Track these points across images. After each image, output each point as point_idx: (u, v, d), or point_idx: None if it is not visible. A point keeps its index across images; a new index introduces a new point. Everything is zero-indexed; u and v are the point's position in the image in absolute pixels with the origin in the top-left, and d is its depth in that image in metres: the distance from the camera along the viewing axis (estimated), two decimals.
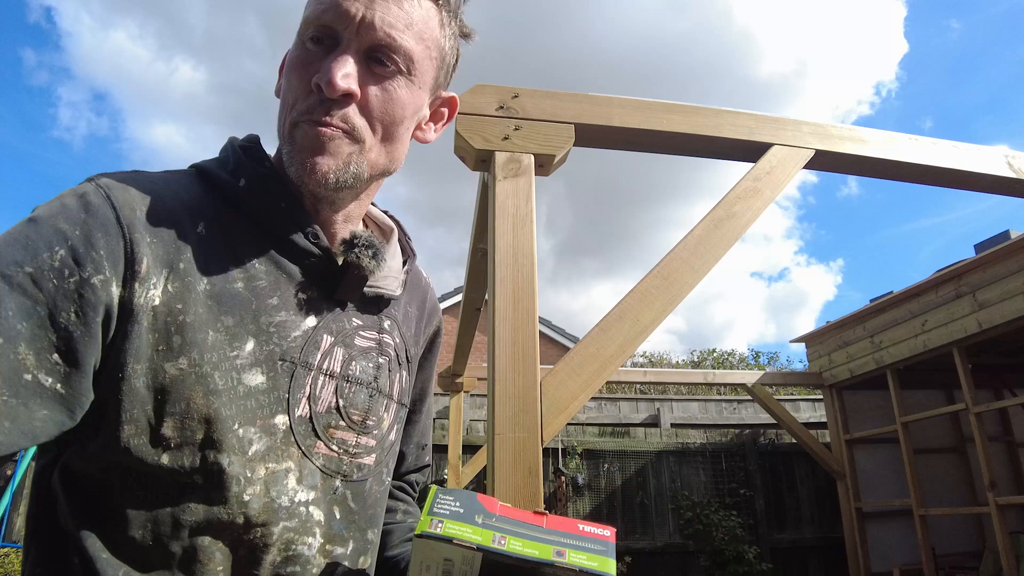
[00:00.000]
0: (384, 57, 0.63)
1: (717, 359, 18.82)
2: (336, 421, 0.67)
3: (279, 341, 0.62)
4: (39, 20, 42.21)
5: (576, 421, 7.40)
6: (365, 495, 0.70)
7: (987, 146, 1.99)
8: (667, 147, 1.82)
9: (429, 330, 0.88)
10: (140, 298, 0.54)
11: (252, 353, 0.60)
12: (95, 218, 0.53)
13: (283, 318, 0.63)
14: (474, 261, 2.83)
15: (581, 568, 0.58)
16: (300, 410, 0.63)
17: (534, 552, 0.59)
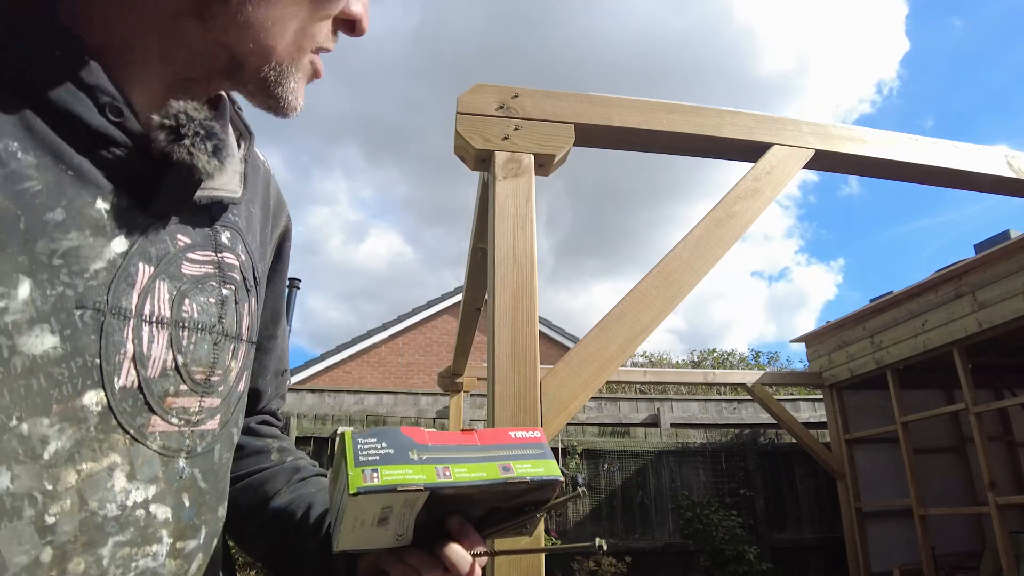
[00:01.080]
0: None
1: (717, 359, 18.83)
2: (176, 385, 0.49)
3: (72, 279, 0.42)
4: None
5: (576, 421, 7.40)
6: (215, 467, 0.55)
7: (987, 146, 2.00)
8: (667, 147, 1.82)
9: (276, 232, 0.67)
10: None
11: (30, 302, 0.39)
12: None
13: (74, 242, 0.42)
14: (474, 261, 2.83)
15: (532, 478, 0.54)
16: (123, 379, 0.45)
17: (482, 474, 0.53)
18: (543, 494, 0.57)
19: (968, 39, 51.29)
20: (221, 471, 0.56)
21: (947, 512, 5.61)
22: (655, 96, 1.79)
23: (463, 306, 3.51)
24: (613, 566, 6.01)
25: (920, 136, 1.94)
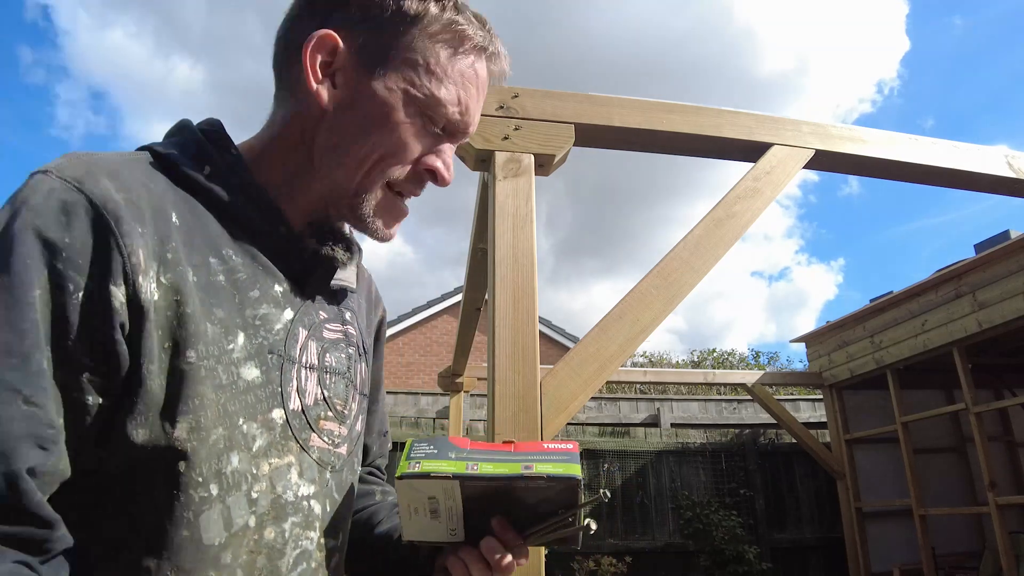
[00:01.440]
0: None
1: (717, 359, 18.83)
2: (324, 412, 0.67)
3: (265, 334, 0.61)
4: (36, 18, 42.18)
5: (576, 421, 7.40)
6: (343, 485, 0.70)
7: (987, 146, 2.00)
8: (667, 147, 1.82)
9: (375, 320, 0.87)
10: (145, 294, 0.51)
11: (244, 347, 0.58)
12: (80, 219, 0.49)
13: (266, 311, 0.62)
14: (474, 261, 2.83)
15: (548, 475, 0.61)
16: (292, 403, 0.62)
17: (504, 470, 0.62)
18: (568, 496, 0.63)
19: (969, 38, 51.35)
20: (348, 490, 0.71)
21: (947, 512, 5.61)
22: (655, 96, 1.79)
23: (463, 306, 3.51)
24: (613, 566, 6.01)
25: (920, 136, 1.94)
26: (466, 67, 0.67)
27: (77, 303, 0.48)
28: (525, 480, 0.61)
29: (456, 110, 0.67)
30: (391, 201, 0.68)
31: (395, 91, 0.64)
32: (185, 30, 45.93)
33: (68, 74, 42.04)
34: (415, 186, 0.69)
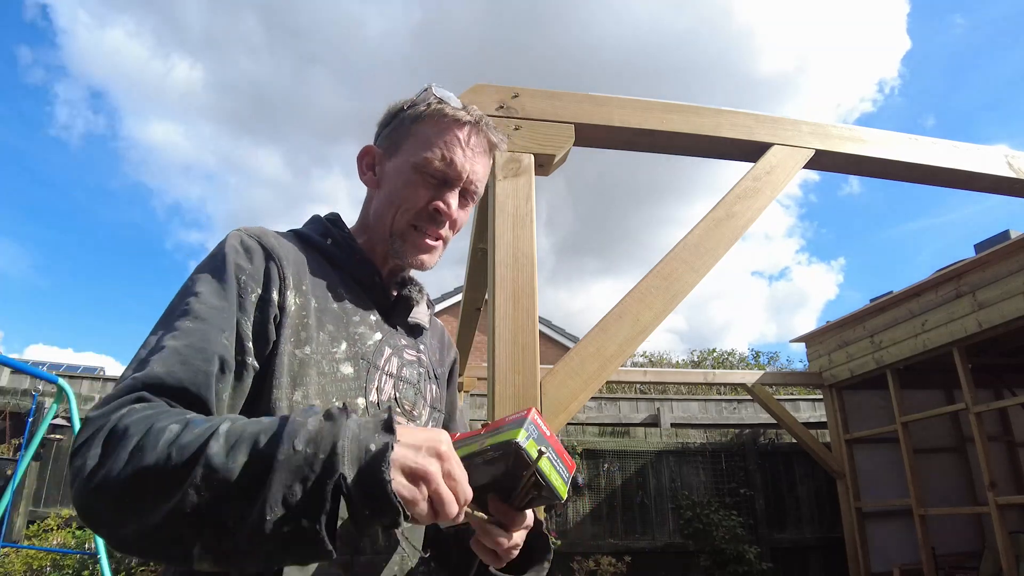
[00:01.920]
0: (469, 196, 0.97)
1: (717, 359, 18.83)
2: (394, 407, 0.89)
3: (360, 346, 0.88)
4: (35, 18, 42.13)
5: (576, 421, 7.40)
6: None
7: (987, 146, 2.00)
8: (667, 147, 1.82)
9: (449, 359, 1.13)
10: (288, 301, 0.81)
11: (345, 352, 0.85)
12: (258, 255, 0.82)
13: (363, 331, 0.89)
14: (474, 261, 2.83)
15: (491, 445, 0.68)
16: (372, 396, 0.86)
17: (466, 451, 0.69)
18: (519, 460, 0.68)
19: (970, 38, 51.18)
20: None
21: (947, 512, 5.61)
22: (656, 95, 1.79)
23: (463, 306, 3.51)
24: (613, 566, 6.01)
25: (920, 136, 1.94)
26: (447, 134, 0.93)
27: (254, 300, 0.78)
28: (479, 455, 0.68)
29: (440, 163, 0.92)
30: (414, 237, 0.94)
31: (403, 164, 0.94)
32: (184, 30, 45.94)
33: (67, 73, 41.99)
34: (428, 222, 0.94)
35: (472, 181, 0.95)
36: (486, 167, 0.99)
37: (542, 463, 0.68)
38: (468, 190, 0.96)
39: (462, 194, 0.96)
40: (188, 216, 45.00)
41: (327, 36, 54.27)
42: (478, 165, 0.95)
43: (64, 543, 5.42)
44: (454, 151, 0.92)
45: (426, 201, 0.92)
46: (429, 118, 0.93)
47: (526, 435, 0.67)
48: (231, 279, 0.78)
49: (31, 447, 4.26)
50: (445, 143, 0.92)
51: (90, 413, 0.63)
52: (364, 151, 1.00)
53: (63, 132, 40.49)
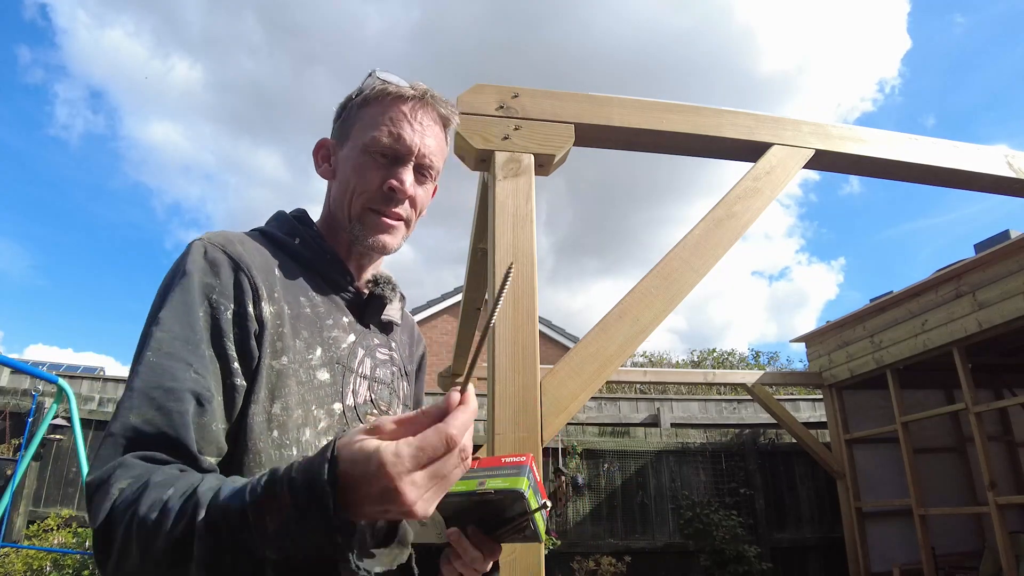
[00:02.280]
0: (425, 171, 0.94)
1: (717, 359, 18.83)
2: (371, 409, 0.90)
3: (335, 350, 0.87)
4: (34, 17, 42.07)
5: (576, 421, 7.40)
6: None
7: (987, 146, 2.00)
8: (667, 147, 1.81)
9: (417, 353, 1.13)
10: (264, 313, 0.78)
11: (321, 357, 0.84)
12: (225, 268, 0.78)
13: (336, 335, 0.88)
14: (474, 261, 2.83)
15: (496, 489, 0.73)
16: (348, 400, 0.86)
17: (463, 488, 0.73)
18: (518, 504, 0.74)
19: (970, 37, 51.06)
20: None
21: (947, 512, 5.61)
22: (656, 94, 1.79)
23: (463, 306, 3.51)
24: (613, 566, 6.01)
25: (920, 136, 1.94)
26: (392, 110, 0.91)
27: (230, 316, 0.76)
28: (479, 495, 0.74)
29: (388, 139, 0.90)
30: (373, 219, 0.92)
31: (352, 149, 0.92)
32: (184, 29, 45.85)
33: (67, 73, 41.94)
34: (384, 203, 0.91)
35: (425, 155, 0.92)
36: (440, 141, 0.96)
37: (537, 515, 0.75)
38: (423, 164, 0.93)
39: (417, 170, 0.93)
40: (188, 216, 44.99)
41: (326, 35, 54.24)
42: (428, 139, 0.92)
43: (64, 543, 5.42)
44: (401, 126, 0.90)
45: (379, 181, 0.90)
46: (373, 100, 0.92)
47: (527, 485, 0.73)
48: (197, 300, 0.74)
49: (31, 447, 4.26)
50: (391, 119, 0.91)
51: (90, 479, 0.65)
52: (318, 144, 0.99)
53: (63, 132, 40.48)
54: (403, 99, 0.92)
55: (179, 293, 0.75)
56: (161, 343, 0.71)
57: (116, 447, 0.66)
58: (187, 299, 0.74)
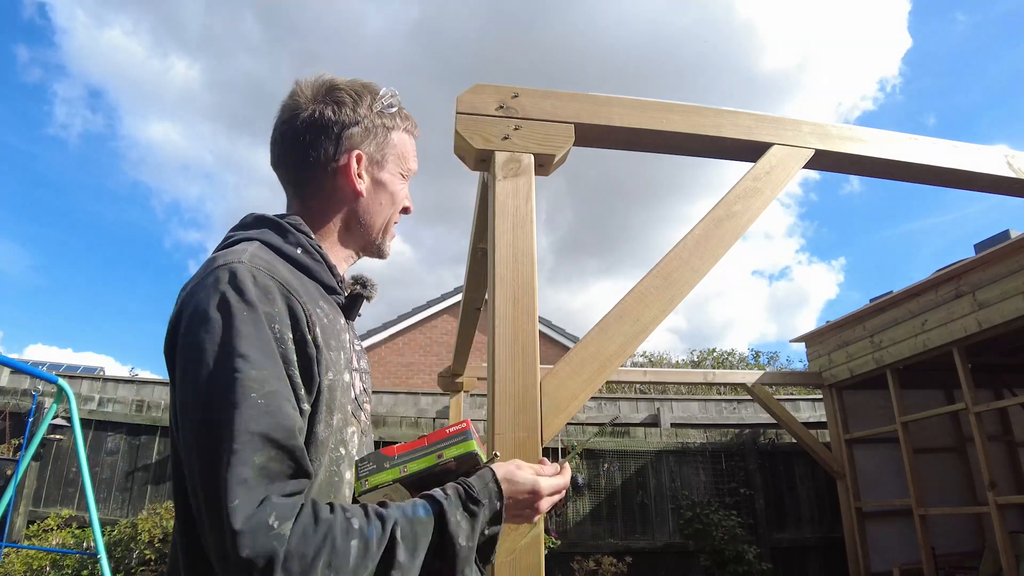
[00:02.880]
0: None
1: (717, 359, 18.84)
2: (365, 399, 0.98)
3: (348, 352, 0.93)
4: (33, 16, 42.00)
5: (576, 421, 7.40)
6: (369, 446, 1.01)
7: (987, 146, 1.99)
8: (667, 147, 1.81)
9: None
10: (317, 336, 0.83)
11: (344, 363, 0.90)
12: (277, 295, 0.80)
13: (344, 338, 0.93)
14: (474, 261, 2.83)
15: (455, 457, 0.88)
16: (353, 393, 0.93)
17: (425, 464, 0.88)
18: (472, 462, 0.90)
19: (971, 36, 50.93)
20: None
21: (947, 512, 5.61)
22: (656, 92, 1.79)
23: (463, 306, 3.51)
24: (613, 566, 6.01)
25: (920, 136, 1.94)
26: (412, 140, 1.08)
27: (292, 345, 0.78)
28: (440, 465, 0.88)
29: (416, 165, 1.08)
30: (391, 232, 1.07)
31: (394, 176, 1.04)
32: (182, 28, 45.76)
33: (65, 72, 41.89)
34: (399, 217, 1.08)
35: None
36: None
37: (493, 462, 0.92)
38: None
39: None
40: (187, 215, 44.90)
41: (325, 34, 54.28)
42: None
43: (64, 543, 5.42)
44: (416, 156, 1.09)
45: (403, 200, 1.07)
46: (404, 128, 1.06)
47: (476, 446, 0.89)
48: (268, 333, 0.75)
49: (31, 447, 4.26)
50: (414, 151, 1.08)
51: (242, 525, 0.64)
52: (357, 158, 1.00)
53: (61, 131, 40.43)
54: (416, 132, 1.09)
55: (252, 327, 0.74)
56: (261, 382, 0.71)
57: (254, 489, 0.66)
58: (262, 334, 0.74)
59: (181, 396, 0.74)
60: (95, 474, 5.99)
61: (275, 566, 0.62)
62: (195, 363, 0.72)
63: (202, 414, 0.70)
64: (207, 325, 0.73)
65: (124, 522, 5.54)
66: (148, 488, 6.15)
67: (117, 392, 7.18)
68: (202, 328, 0.73)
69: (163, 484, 6.17)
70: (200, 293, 0.77)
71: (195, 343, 0.73)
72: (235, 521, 0.63)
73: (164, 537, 5.30)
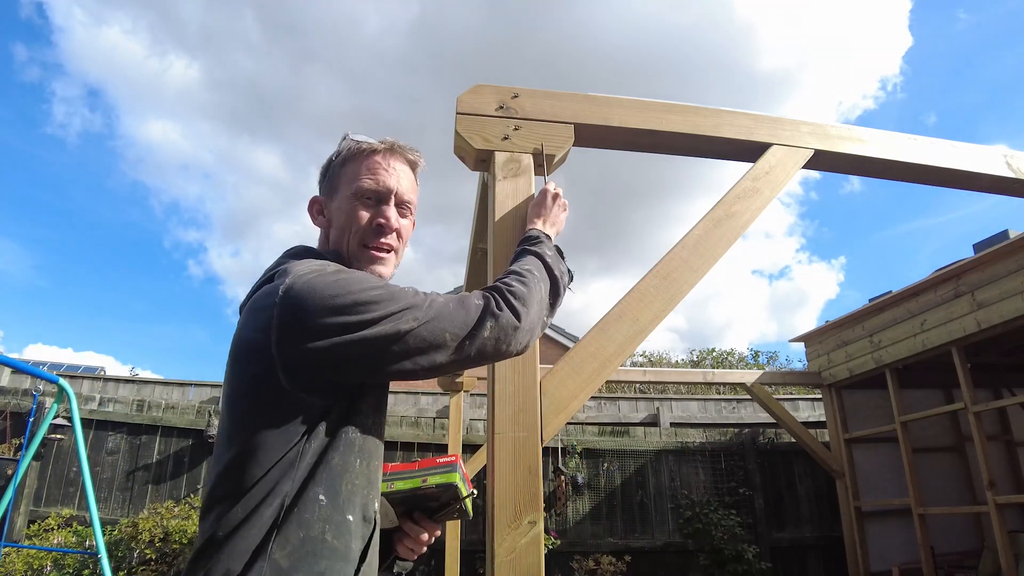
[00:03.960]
0: (404, 206, 1.16)
1: (716, 358, 18.84)
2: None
3: None
4: (31, 15, 41.83)
5: (576, 420, 7.40)
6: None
7: (986, 146, 2.00)
8: (666, 147, 1.82)
9: None
10: None
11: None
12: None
13: None
14: (474, 261, 2.84)
15: (436, 484, 0.99)
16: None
17: (411, 485, 0.99)
18: (453, 494, 1.00)
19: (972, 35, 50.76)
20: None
21: (946, 511, 5.61)
22: (656, 92, 1.80)
23: None
24: (613, 565, 6.01)
25: (919, 136, 1.95)
26: (369, 161, 1.13)
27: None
28: (423, 490, 0.98)
29: (370, 184, 1.11)
30: (367, 254, 1.11)
31: (343, 199, 1.12)
32: (181, 27, 45.61)
33: (64, 71, 41.81)
34: (374, 237, 1.11)
35: (401, 193, 1.14)
36: (411, 181, 1.17)
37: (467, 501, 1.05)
38: (402, 201, 1.15)
39: (398, 207, 1.14)
40: (186, 215, 44.86)
41: (325, 33, 54.13)
42: (403, 180, 1.14)
43: (64, 543, 5.42)
44: (378, 173, 1.12)
45: (368, 220, 1.10)
46: (352, 157, 1.14)
47: (459, 478, 1.00)
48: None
49: (32, 447, 4.26)
50: (369, 169, 1.12)
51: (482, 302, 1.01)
52: (311, 201, 1.19)
53: (60, 130, 40.41)
54: (376, 152, 1.14)
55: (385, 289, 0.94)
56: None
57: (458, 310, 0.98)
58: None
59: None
60: (96, 474, 5.99)
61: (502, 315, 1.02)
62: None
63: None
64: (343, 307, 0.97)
65: (125, 521, 5.54)
66: (148, 488, 6.15)
67: (118, 392, 7.19)
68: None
69: (163, 484, 6.18)
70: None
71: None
72: (486, 318, 1.01)
73: (165, 537, 5.31)
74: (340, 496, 0.90)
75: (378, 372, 0.93)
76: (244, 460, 0.88)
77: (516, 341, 1.03)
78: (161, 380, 7.79)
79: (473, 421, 6.90)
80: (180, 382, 7.69)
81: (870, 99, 42.60)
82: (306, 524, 0.86)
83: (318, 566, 0.85)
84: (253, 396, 0.91)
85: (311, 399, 0.90)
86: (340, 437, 0.92)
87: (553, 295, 1.18)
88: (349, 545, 0.89)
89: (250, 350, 0.92)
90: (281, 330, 0.88)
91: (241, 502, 0.85)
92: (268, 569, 0.81)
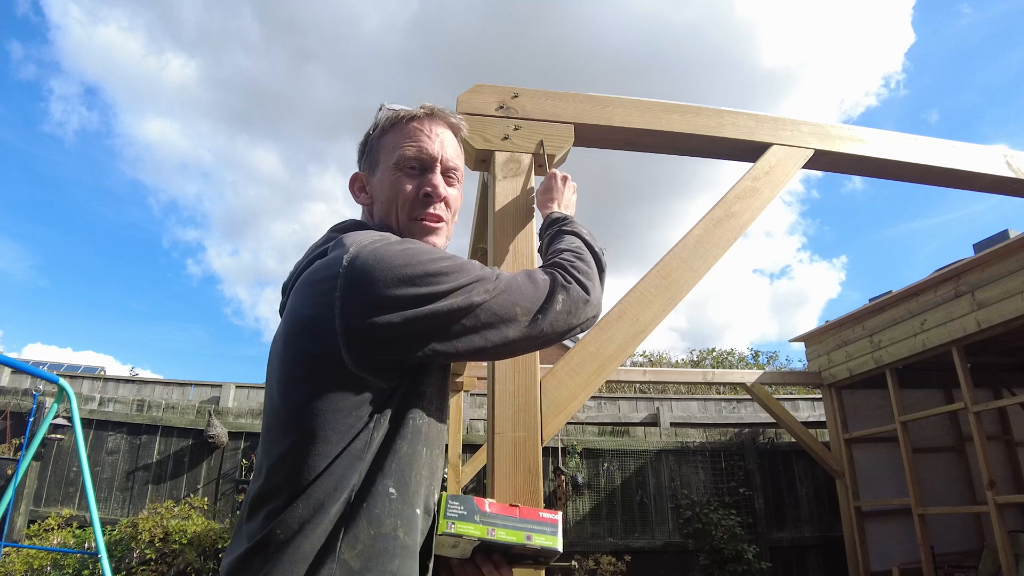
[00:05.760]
0: (451, 174, 1.08)
1: (716, 358, 18.84)
2: None
3: None
4: (27, 13, 41.79)
5: (576, 420, 7.40)
6: None
7: (986, 146, 2.00)
8: (667, 147, 1.82)
9: None
10: None
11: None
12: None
13: None
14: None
15: (541, 547, 0.92)
16: None
17: (513, 539, 0.91)
18: (551, 557, 0.96)
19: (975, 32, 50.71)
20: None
21: (946, 511, 5.61)
22: (658, 90, 1.80)
23: None
24: (612, 565, 6.01)
25: (919, 136, 1.95)
26: (408, 128, 1.06)
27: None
28: (525, 547, 0.92)
29: (413, 152, 1.04)
30: (417, 227, 1.03)
31: (385, 171, 1.05)
32: (179, 25, 45.54)
33: (61, 69, 41.80)
34: (423, 208, 1.04)
35: (447, 159, 1.06)
36: (455, 146, 1.10)
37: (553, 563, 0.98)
38: (448, 168, 1.07)
39: (444, 174, 1.07)
40: (185, 214, 44.87)
41: (324, 32, 54.01)
42: (448, 145, 1.07)
43: (64, 543, 5.42)
44: (420, 139, 1.05)
45: (415, 190, 1.03)
46: (391, 127, 1.07)
47: (559, 541, 0.93)
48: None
49: (32, 447, 4.26)
50: (410, 136, 1.05)
51: (552, 281, 0.98)
52: (352, 178, 1.12)
53: (57, 129, 40.42)
54: (416, 118, 1.06)
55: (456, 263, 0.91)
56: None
57: (526, 287, 0.94)
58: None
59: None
60: (95, 474, 5.99)
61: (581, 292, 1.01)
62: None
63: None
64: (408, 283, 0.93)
65: (125, 521, 5.54)
66: (148, 488, 6.15)
67: (117, 392, 7.19)
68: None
69: (163, 484, 6.18)
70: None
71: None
72: (555, 297, 0.98)
73: (164, 537, 5.31)
74: (410, 488, 0.84)
75: (448, 349, 0.85)
76: (304, 451, 0.80)
77: (586, 315, 0.99)
78: (161, 380, 7.79)
79: (473, 421, 6.89)
80: (180, 382, 7.69)
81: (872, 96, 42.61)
82: (376, 520, 0.80)
83: (391, 565, 0.79)
84: (313, 378, 0.82)
85: (376, 381, 0.83)
86: (407, 423, 0.86)
87: (600, 271, 1.14)
88: (416, 541, 0.85)
89: (308, 328, 0.84)
90: (346, 302, 0.81)
91: (301, 498, 0.78)
92: (339, 571, 0.75)
